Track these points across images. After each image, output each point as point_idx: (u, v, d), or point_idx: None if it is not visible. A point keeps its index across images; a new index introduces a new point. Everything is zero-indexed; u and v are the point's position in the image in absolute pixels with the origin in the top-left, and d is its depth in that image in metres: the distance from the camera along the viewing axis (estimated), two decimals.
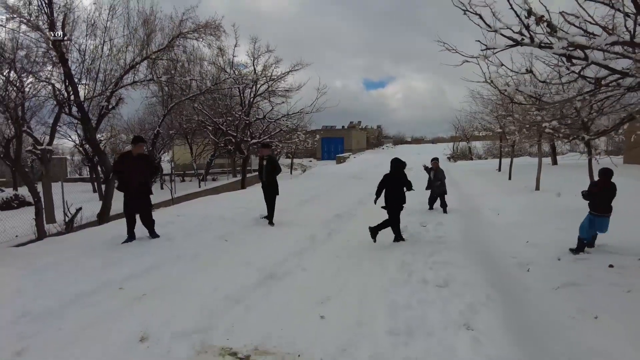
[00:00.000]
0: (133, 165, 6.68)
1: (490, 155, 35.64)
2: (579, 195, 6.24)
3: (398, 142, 75.53)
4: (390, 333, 3.39)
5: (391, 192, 6.80)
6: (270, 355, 3.15)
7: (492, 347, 3.11)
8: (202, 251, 6.09)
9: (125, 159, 6.85)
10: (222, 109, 20.16)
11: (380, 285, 4.67)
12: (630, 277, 4.87)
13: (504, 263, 5.86)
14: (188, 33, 13.01)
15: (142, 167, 6.78)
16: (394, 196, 6.78)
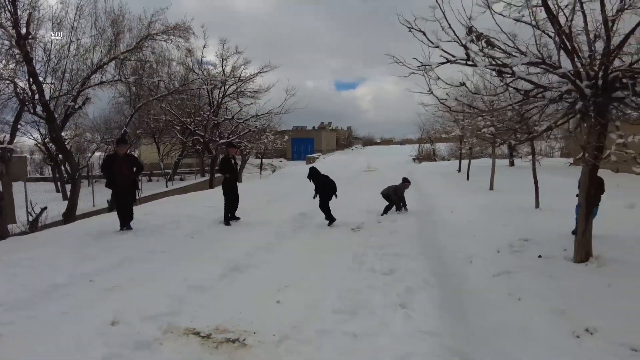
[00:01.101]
0: (121, 165, 7.46)
1: (453, 156, 37.06)
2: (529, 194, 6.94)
3: (367, 143, 76.83)
4: (336, 312, 3.92)
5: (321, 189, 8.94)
6: (229, 333, 3.60)
7: (422, 322, 3.68)
8: (171, 247, 6.44)
9: (115, 160, 7.52)
10: (190, 109, 20.26)
11: (334, 274, 5.20)
12: (554, 266, 5.60)
13: (450, 255, 6.52)
14: (157, 34, 13.18)
15: (129, 166, 7.59)
16: (323, 192, 8.86)
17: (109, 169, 7.52)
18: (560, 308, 4.24)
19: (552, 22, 4.89)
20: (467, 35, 5.13)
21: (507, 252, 6.38)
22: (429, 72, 4.80)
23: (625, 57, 5.19)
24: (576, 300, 4.43)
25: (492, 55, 5.02)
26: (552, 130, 6.43)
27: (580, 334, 3.76)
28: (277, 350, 3.28)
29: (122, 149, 7.74)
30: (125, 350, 3.26)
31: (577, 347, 3.57)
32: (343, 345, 3.31)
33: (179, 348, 3.34)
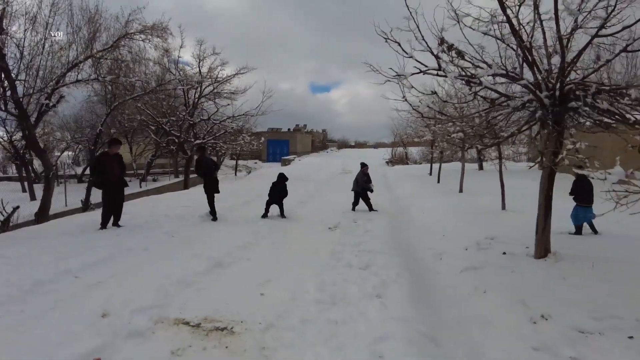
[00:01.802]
0: (112, 164, 7.67)
1: (425, 160, 38.02)
2: (496, 196, 7.43)
3: (342, 146, 77.56)
4: (317, 303, 4.21)
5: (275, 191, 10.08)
6: (217, 322, 3.82)
7: (395, 310, 4.01)
8: (151, 245, 6.54)
9: (107, 159, 7.72)
10: (165, 109, 20.11)
11: (313, 270, 5.48)
12: (516, 261, 6.06)
13: (421, 253, 6.91)
14: (134, 34, 13.14)
15: (118, 165, 7.81)
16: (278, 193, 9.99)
17: (103, 168, 7.63)
18: (520, 298, 4.66)
19: (515, 37, 5.35)
20: (439, 46, 5.54)
21: (474, 250, 6.82)
22: (403, 80, 5.16)
23: (580, 71, 5.74)
24: (534, 291, 4.86)
25: (461, 66, 5.44)
26: (516, 136, 6.95)
27: (536, 320, 4.18)
28: (263, 337, 3.53)
29: (114, 148, 7.92)
30: (118, 339, 3.43)
31: (533, 331, 3.97)
32: (325, 331, 3.60)
33: (170, 336, 3.53)
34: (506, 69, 5.00)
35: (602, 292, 4.70)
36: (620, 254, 6.06)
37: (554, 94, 5.44)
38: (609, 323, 3.97)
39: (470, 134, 6.27)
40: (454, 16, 5.57)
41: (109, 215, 7.76)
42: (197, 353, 3.27)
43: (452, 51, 5.61)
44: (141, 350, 3.29)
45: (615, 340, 3.66)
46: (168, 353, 3.25)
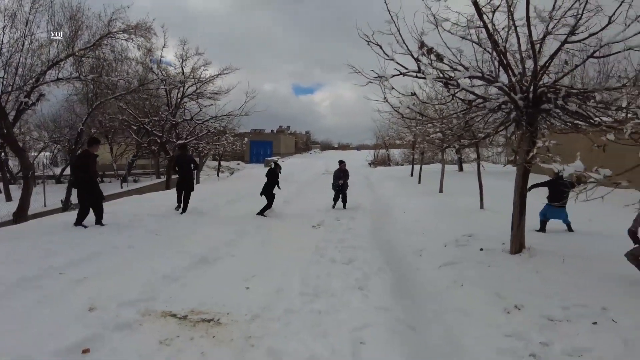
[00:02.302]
0: (94, 163, 7.80)
1: (406, 162, 38.55)
2: (475, 196, 7.67)
3: (325, 147, 77.92)
4: (301, 295, 4.35)
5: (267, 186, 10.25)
6: (204, 314, 3.93)
7: (377, 300, 4.19)
8: (136, 243, 6.57)
9: (90, 157, 7.76)
10: (148, 109, 19.95)
11: (298, 265, 5.61)
12: (492, 257, 6.32)
13: (402, 249, 7.12)
14: (118, 33, 13.04)
15: (95, 164, 7.90)
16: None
17: (86, 167, 7.66)
18: (496, 291, 4.89)
19: (490, 41, 5.61)
20: (419, 49, 5.76)
21: (453, 246, 7.06)
22: (384, 82, 5.35)
23: (553, 74, 6.04)
24: (509, 284, 5.10)
25: (440, 69, 5.67)
26: (493, 137, 7.23)
27: (510, 310, 4.41)
28: (249, 327, 3.65)
29: (97, 148, 8.04)
30: (107, 331, 3.50)
31: (507, 320, 4.19)
32: (309, 321, 3.74)
33: (158, 327, 3.62)
34: (482, 71, 5.25)
35: (570, 284, 4.97)
36: (589, 250, 6.36)
37: (528, 96, 5.72)
38: (575, 311, 4.22)
39: (449, 135, 6.51)
40: (433, 21, 5.80)
41: (86, 214, 7.74)
42: (184, 342, 3.37)
43: (431, 54, 5.84)
44: (129, 341, 3.38)
45: (580, 326, 3.91)
46: (156, 343, 3.35)
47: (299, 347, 3.22)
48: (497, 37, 5.68)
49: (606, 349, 3.45)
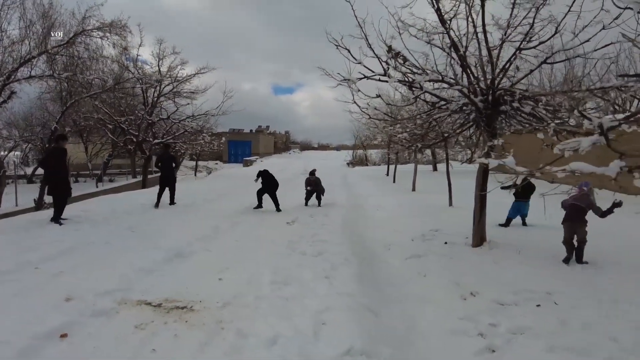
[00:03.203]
0: (65, 159, 7.99)
1: (383, 162, 39.23)
2: (445, 194, 8.05)
3: (305, 147, 78.14)
4: (271, 283, 4.62)
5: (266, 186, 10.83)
6: (178, 302, 4.15)
7: (341, 287, 4.50)
8: (112, 239, 6.69)
9: (62, 153, 7.92)
10: (124, 108, 19.78)
11: (270, 258, 5.87)
12: (455, 250, 6.72)
13: (372, 244, 7.45)
14: (92, 31, 12.96)
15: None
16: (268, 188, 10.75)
17: (60, 161, 7.77)
18: (455, 280, 5.26)
19: (452, 46, 6.00)
20: (387, 53, 6.09)
21: (420, 241, 7.44)
22: (351, 85, 5.67)
23: (512, 78, 6.47)
24: (468, 274, 5.49)
25: (405, 72, 6.02)
26: (457, 137, 7.66)
27: (466, 296, 4.78)
28: (221, 313, 3.89)
29: (65, 143, 8.19)
30: (84, 318, 3.69)
31: (462, 305, 4.56)
32: (277, 306, 4.02)
33: (134, 314, 3.82)
34: (442, 75, 5.62)
35: (522, 272, 5.40)
36: (544, 243, 6.85)
37: (487, 99, 6.14)
38: (523, 296, 4.63)
39: (414, 135, 6.87)
40: (400, 26, 6.14)
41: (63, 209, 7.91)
42: (159, 327, 3.59)
43: (398, 58, 6.19)
44: (106, 327, 3.57)
45: (526, 309, 4.31)
46: (132, 328, 3.55)
47: (265, 328, 3.49)
48: (459, 43, 6.08)
49: (545, 327, 3.84)
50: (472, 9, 5.85)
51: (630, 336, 3.58)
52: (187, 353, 3.16)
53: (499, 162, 3.25)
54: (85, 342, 3.29)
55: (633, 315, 4.06)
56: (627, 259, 5.92)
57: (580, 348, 3.44)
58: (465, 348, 3.59)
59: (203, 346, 3.26)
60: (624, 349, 3.39)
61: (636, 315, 4.06)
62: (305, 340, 3.27)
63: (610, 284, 4.97)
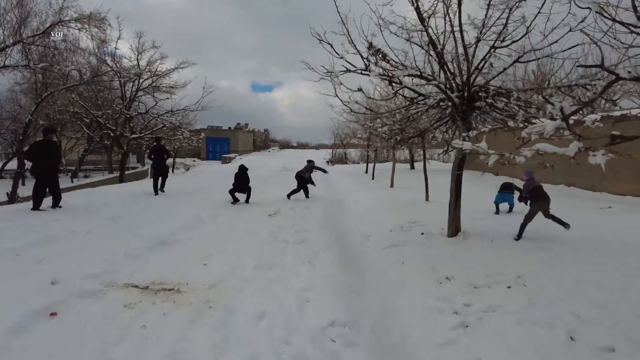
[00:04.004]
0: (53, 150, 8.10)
1: (362, 160, 39.69)
2: (422, 190, 8.34)
3: (284, 146, 77.97)
4: (255, 268, 4.77)
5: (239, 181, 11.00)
6: (165, 285, 4.25)
7: (323, 270, 4.70)
8: (94, 229, 6.68)
9: (56, 146, 8.19)
10: (101, 102, 19.37)
11: (253, 246, 6.01)
12: (432, 239, 6.99)
13: (352, 235, 7.66)
14: (70, 22, 12.72)
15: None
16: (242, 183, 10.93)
17: (45, 153, 7.86)
18: (432, 266, 5.51)
19: (430, 44, 6.25)
20: (368, 49, 6.30)
21: (398, 232, 7.69)
22: (333, 78, 5.85)
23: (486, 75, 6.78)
24: (443, 261, 5.75)
25: (385, 67, 6.24)
26: (434, 131, 7.95)
27: (442, 281, 5.02)
28: (207, 293, 4.02)
29: (53, 136, 8.41)
30: (72, 299, 3.75)
31: (439, 288, 4.80)
32: (262, 287, 4.17)
33: (122, 295, 3.91)
34: (420, 70, 5.87)
35: (495, 259, 5.70)
36: (515, 231, 7.20)
37: (463, 95, 6.42)
38: (495, 279, 4.91)
39: (393, 129, 7.11)
40: (381, 23, 6.36)
41: (42, 198, 7.97)
42: (147, 306, 3.69)
43: (378, 54, 6.41)
44: (95, 306, 3.65)
45: (497, 290, 4.58)
46: (120, 307, 3.65)
47: (252, 305, 3.64)
48: (437, 41, 6.34)
49: (514, 305, 4.12)
50: (449, 8, 6.12)
51: (589, 311, 3.89)
52: (176, 328, 3.28)
53: (472, 146, 3.48)
54: (74, 319, 3.37)
55: (593, 295, 4.38)
56: (590, 247, 6.30)
57: (545, 321, 3.72)
58: (440, 324, 3.82)
59: (192, 323, 3.38)
60: (583, 321, 3.68)
61: (596, 294, 4.39)
62: (291, 315, 3.44)
63: (575, 269, 5.30)
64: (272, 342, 3.07)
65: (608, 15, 2.57)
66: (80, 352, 2.89)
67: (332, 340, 3.10)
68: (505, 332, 3.63)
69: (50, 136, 8.21)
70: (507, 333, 3.62)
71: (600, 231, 7.51)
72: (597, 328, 3.56)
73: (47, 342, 3.01)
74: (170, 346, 2.99)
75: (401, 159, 32.58)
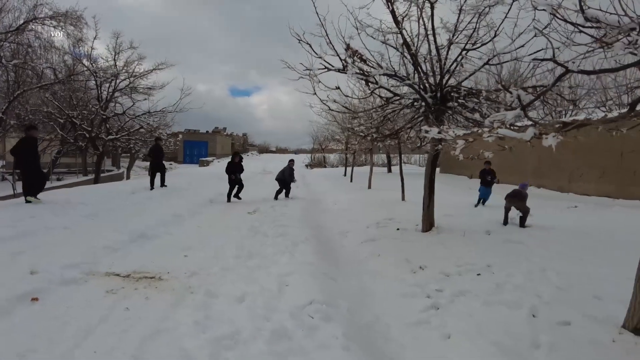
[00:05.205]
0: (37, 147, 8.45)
1: (341, 164, 40.08)
2: (399, 191, 8.63)
3: (263, 150, 77.90)
4: (236, 258, 4.89)
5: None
6: (146, 273, 4.32)
7: (301, 258, 4.86)
8: (71, 225, 6.60)
9: (35, 143, 8.32)
10: (76, 102, 19.02)
11: (233, 239, 6.11)
12: (407, 234, 7.24)
13: (330, 231, 7.86)
14: (45, 19, 12.54)
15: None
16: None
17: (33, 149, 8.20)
18: (406, 258, 5.74)
19: (405, 46, 6.53)
20: (346, 51, 6.53)
21: (374, 228, 7.92)
22: (312, 76, 6.06)
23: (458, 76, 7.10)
24: (418, 253, 6.00)
25: (362, 68, 6.48)
26: (408, 131, 8.25)
27: (416, 270, 5.26)
28: (188, 281, 4.12)
29: (35, 133, 8.68)
30: (53, 286, 3.78)
31: (412, 277, 5.03)
32: (243, 274, 4.30)
33: (104, 283, 3.96)
34: (394, 70, 6.13)
35: (466, 250, 5.98)
36: (487, 226, 7.54)
37: (436, 95, 6.71)
38: (466, 268, 5.17)
39: (370, 128, 7.36)
40: (359, 26, 6.60)
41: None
42: (130, 291, 3.77)
43: (356, 56, 6.64)
44: (77, 292, 3.71)
45: (467, 277, 4.84)
46: (103, 292, 3.71)
47: (233, 289, 3.77)
48: (411, 43, 6.62)
49: (483, 290, 4.38)
50: (423, 11, 6.41)
51: (551, 293, 4.18)
52: (159, 310, 3.38)
53: (438, 134, 3.71)
54: (57, 304, 3.42)
55: (555, 280, 4.68)
56: (556, 241, 6.66)
57: (511, 302, 3.99)
58: (413, 306, 4.04)
59: (174, 306, 3.48)
60: (544, 301, 3.97)
61: (558, 280, 4.69)
62: (271, 296, 3.59)
63: (541, 258, 5.63)
64: (253, 319, 3.21)
65: (560, 16, 2.84)
66: (64, 331, 2.95)
67: (310, 317, 3.26)
68: (473, 312, 3.88)
69: (32, 132, 8.41)
70: (475, 313, 3.86)
71: (566, 227, 7.93)
72: (556, 307, 3.84)
73: (30, 324, 3.06)
74: (154, 325, 3.09)
75: (379, 162, 33.14)
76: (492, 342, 3.23)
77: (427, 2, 6.05)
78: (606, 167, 11.75)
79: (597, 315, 3.55)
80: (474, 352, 3.11)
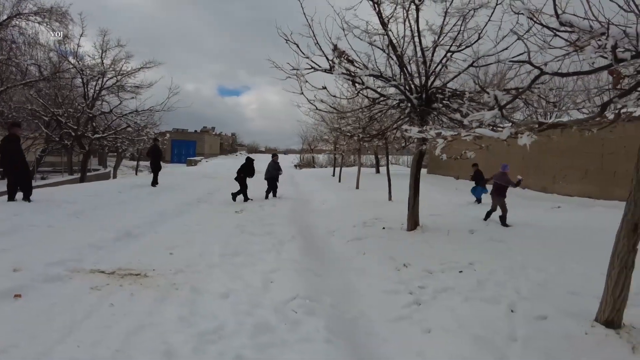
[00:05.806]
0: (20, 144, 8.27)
1: (330, 164, 40.20)
2: (386, 191, 8.75)
3: (252, 150, 77.57)
4: (222, 255, 4.91)
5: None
6: (131, 270, 4.32)
7: (287, 256, 4.90)
8: (56, 223, 6.56)
9: (18, 141, 8.18)
10: (61, 100, 18.74)
11: (219, 237, 6.13)
12: (392, 233, 7.33)
13: (317, 230, 7.91)
14: (29, 15, 12.37)
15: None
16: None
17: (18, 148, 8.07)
18: (391, 256, 5.83)
19: (391, 47, 6.62)
20: (333, 52, 6.60)
21: (361, 227, 8.01)
22: (300, 77, 6.11)
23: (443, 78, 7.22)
24: (402, 251, 6.09)
25: (349, 68, 6.55)
26: (395, 131, 8.35)
27: (400, 268, 5.34)
28: (174, 278, 4.14)
29: (19, 130, 8.52)
30: (36, 283, 3.77)
31: (396, 274, 5.11)
32: (228, 271, 4.34)
33: (88, 280, 3.96)
34: (380, 71, 6.22)
35: (449, 249, 6.10)
36: (471, 226, 7.68)
37: (422, 96, 6.82)
38: (449, 265, 5.28)
39: (357, 128, 7.45)
40: (346, 27, 6.67)
41: (16, 189, 8.29)
42: (114, 288, 3.78)
43: (343, 56, 6.72)
44: (62, 289, 3.70)
45: (450, 275, 4.95)
46: (88, 289, 3.71)
47: (218, 286, 3.80)
48: (397, 44, 6.72)
49: (464, 287, 4.48)
50: (409, 13, 6.51)
51: (529, 289, 4.30)
52: (144, 306, 3.40)
53: (419, 133, 3.80)
54: (40, 300, 3.42)
55: (535, 277, 4.81)
56: (537, 239, 6.82)
57: (491, 298, 4.09)
58: (396, 302, 4.12)
59: (159, 302, 3.51)
60: (523, 297, 4.08)
61: (537, 276, 4.82)
62: (256, 292, 3.63)
63: (522, 256, 5.76)
64: (237, 314, 3.25)
65: (537, 20, 2.94)
66: (48, 327, 2.96)
67: (294, 311, 3.32)
68: (454, 308, 3.97)
69: (15, 130, 8.27)
70: (456, 308, 3.95)
71: (547, 226, 8.11)
72: (534, 302, 3.96)
73: (12, 320, 3.05)
74: (139, 320, 3.11)
75: (367, 163, 33.34)
76: (470, 336, 3.33)
77: (413, 4, 6.14)
78: (588, 168, 12.02)
79: (572, 309, 3.67)
80: (453, 345, 3.20)
